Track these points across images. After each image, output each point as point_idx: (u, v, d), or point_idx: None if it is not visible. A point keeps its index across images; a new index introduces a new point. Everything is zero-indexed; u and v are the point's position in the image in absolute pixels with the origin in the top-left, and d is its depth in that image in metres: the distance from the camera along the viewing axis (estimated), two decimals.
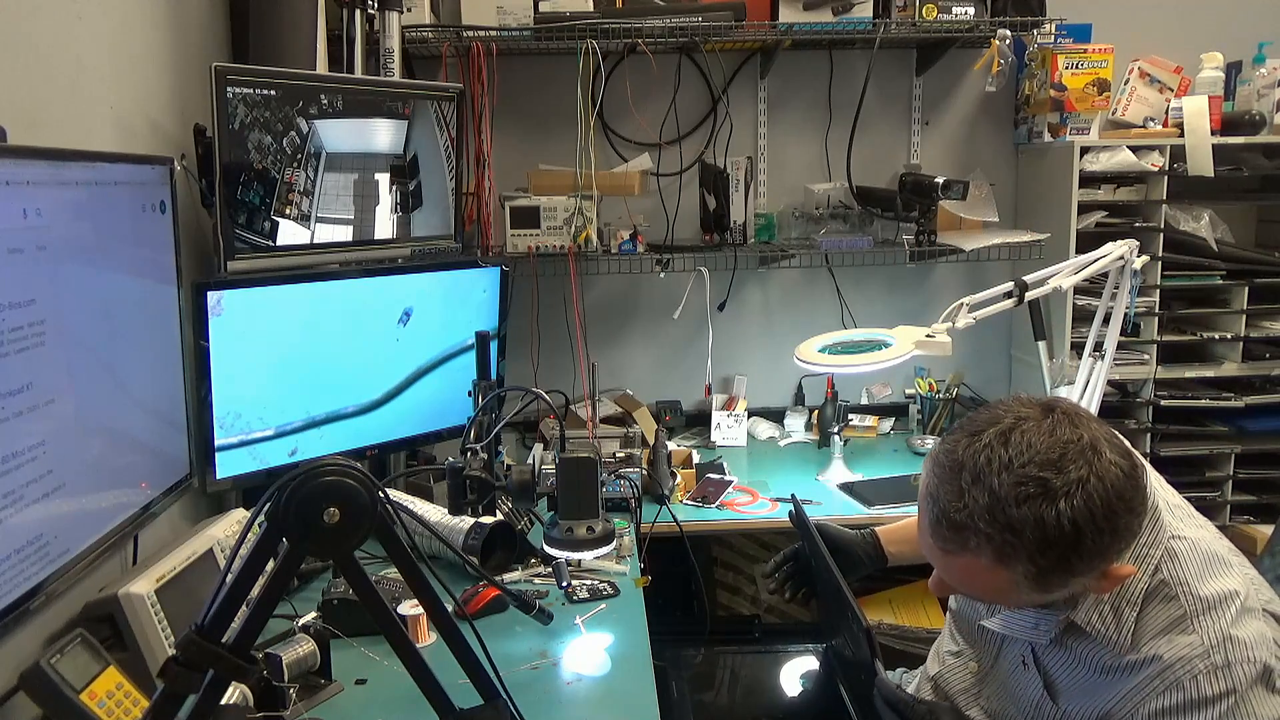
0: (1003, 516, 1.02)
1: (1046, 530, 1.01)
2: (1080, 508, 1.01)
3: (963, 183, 2.67)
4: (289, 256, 2.01)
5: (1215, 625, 1.09)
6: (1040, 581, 1.06)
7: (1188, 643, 1.09)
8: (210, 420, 1.86)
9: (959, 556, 1.07)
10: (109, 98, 1.67)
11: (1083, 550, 1.03)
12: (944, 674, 1.44)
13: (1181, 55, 2.89)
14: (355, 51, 2.33)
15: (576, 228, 2.67)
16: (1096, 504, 1.01)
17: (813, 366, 2.54)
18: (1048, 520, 1.01)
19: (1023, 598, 1.10)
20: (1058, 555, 1.03)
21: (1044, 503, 1.01)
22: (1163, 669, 1.09)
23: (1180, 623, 1.10)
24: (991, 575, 1.07)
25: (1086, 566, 1.05)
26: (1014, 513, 1.01)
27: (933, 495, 1.08)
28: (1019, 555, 1.03)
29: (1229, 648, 1.07)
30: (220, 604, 1.02)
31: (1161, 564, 1.14)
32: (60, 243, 1.34)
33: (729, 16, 2.63)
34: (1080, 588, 1.10)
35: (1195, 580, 1.12)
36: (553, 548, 1.36)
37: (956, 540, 1.06)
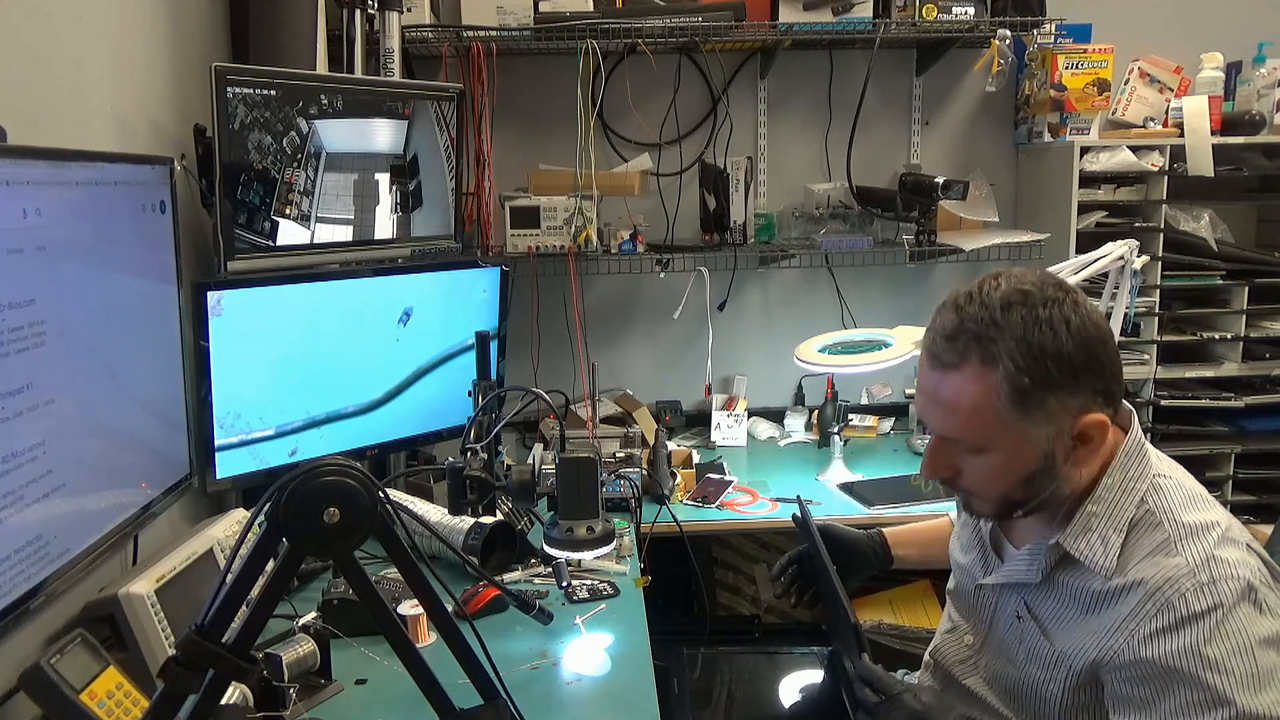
0: (989, 316, 1.13)
1: (1027, 327, 1.11)
2: (1058, 315, 1.12)
3: (963, 183, 2.67)
4: (289, 256, 2.01)
5: (1199, 547, 1.13)
6: (1018, 394, 1.11)
7: (1173, 564, 1.12)
8: (210, 420, 1.86)
9: (950, 375, 1.15)
10: (109, 98, 1.67)
11: (1059, 358, 1.11)
12: (940, 648, 1.46)
13: (1181, 55, 2.89)
14: (355, 51, 2.33)
15: (576, 228, 2.67)
16: (1074, 318, 1.12)
17: (813, 366, 2.55)
18: (1028, 319, 1.11)
19: (1002, 422, 1.13)
20: (1035, 356, 1.11)
21: (1025, 308, 1.12)
22: (1152, 592, 1.12)
23: (1165, 546, 1.14)
24: (977, 387, 1.13)
25: (1062, 387, 1.12)
26: (999, 315, 1.13)
27: (931, 328, 1.19)
28: (1001, 354, 1.11)
29: (1213, 566, 1.11)
30: (220, 604, 1.02)
31: (1147, 495, 1.19)
32: (60, 243, 1.34)
33: (729, 16, 2.63)
34: (1055, 430, 1.14)
35: (1179, 510, 1.17)
36: (553, 548, 1.36)
37: (950, 351, 1.15)
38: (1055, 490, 1.19)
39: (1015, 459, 1.17)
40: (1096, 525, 1.19)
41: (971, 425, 1.16)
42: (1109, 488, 1.20)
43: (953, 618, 1.48)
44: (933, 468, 1.23)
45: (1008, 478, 1.19)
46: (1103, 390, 1.15)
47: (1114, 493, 1.19)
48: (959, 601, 1.46)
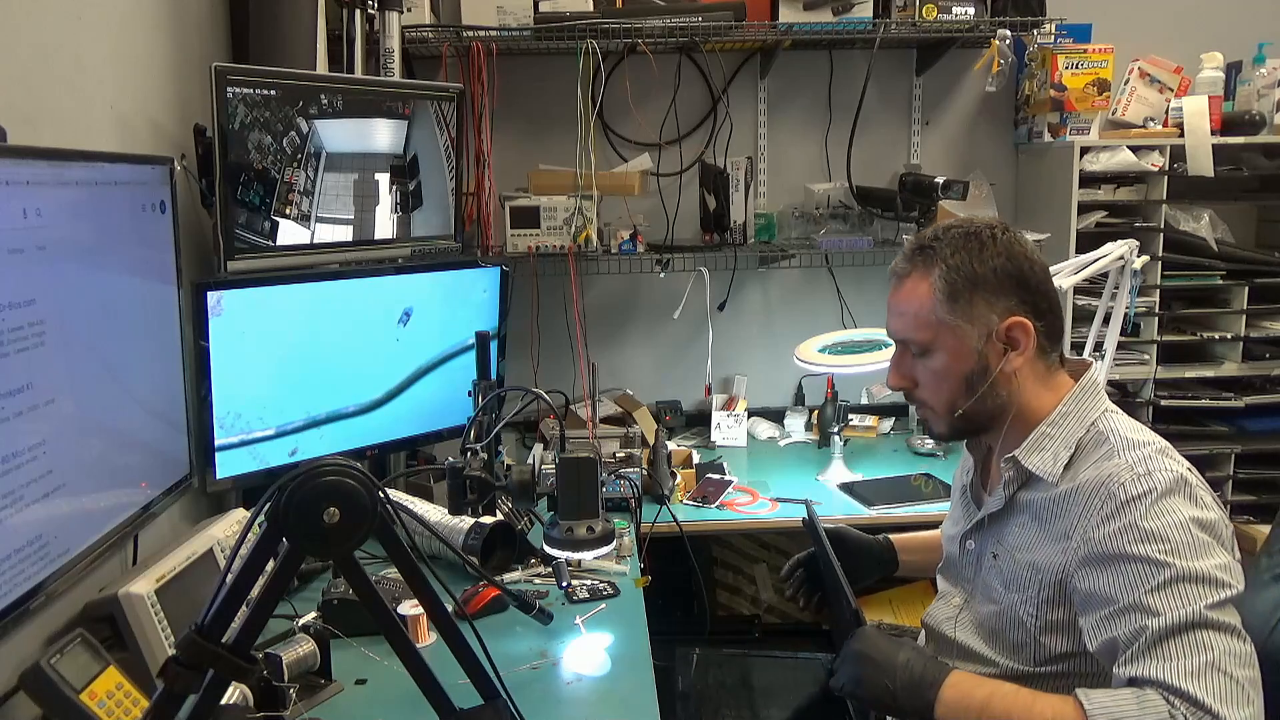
0: (933, 234, 1.36)
1: (962, 239, 1.33)
2: (988, 234, 1.32)
3: (963, 183, 2.67)
4: (289, 256, 2.01)
5: (1138, 453, 1.26)
6: (950, 290, 1.31)
7: (1113, 464, 1.26)
8: (210, 420, 1.86)
9: (903, 283, 1.37)
10: (109, 98, 1.67)
11: (985, 263, 1.30)
12: (931, 612, 1.54)
13: (1181, 55, 2.89)
14: (355, 51, 2.33)
15: (576, 228, 2.67)
16: (1003, 239, 1.32)
17: (813, 366, 2.55)
18: (963, 234, 1.33)
19: (939, 319, 1.32)
20: (964, 260, 1.31)
21: (963, 229, 1.34)
22: (1096, 488, 1.25)
23: (1108, 454, 1.28)
24: (919, 289, 1.34)
25: (988, 289, 1.31)
26: (942, 232, 1.35)
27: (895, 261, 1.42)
28: (938, 259, 1.32)
29: (1148, 462, 1.24)
30: (220, 604, 1.02)
31: (1098, 420, 1.33)
32: (60, 243, 1.34)
33: (729, 16, 2.63)
34: (985, 330, 1.31)
35: (1125, 430, 1.31)
36: (553, 548, 1.36)
37: (905, 263, 1.37)
38: (997, 401, 1.34)
39: (954, 359, 1.33)
40: (1049, 445, 1.33)
41: (916, 324, 1.36)
42: (1063, 414, 1.34)
43: (941, 589, 1.56)
44: (894, 376, 1.43)
45: (950, 378, 1.35)
46: (1030, 303, 1.32)
47: (1067, 418, 1.34)
48: (948, 571, 1.56)
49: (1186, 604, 1.14)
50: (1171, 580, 1.15)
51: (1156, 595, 1.16)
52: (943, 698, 1.24)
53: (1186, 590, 1.15)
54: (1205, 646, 1.12)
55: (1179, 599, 1.15)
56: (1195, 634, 1.13)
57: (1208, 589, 1.15)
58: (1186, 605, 1.14)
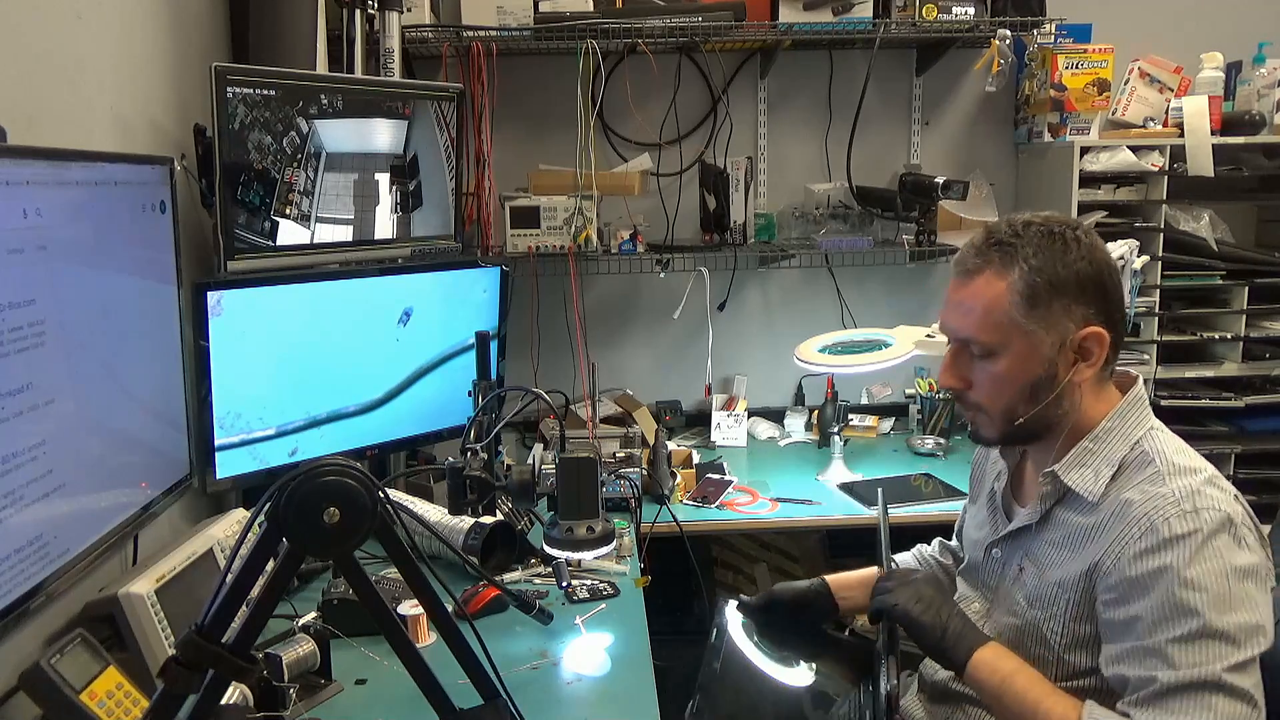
0: (1011, 230, 1.28)
1: (1044, 238, 1.25)
2: (1071, 235, 1.26)
3: (963, 183, 2.67)
4: (289, 256, 2.01)
5: (1185, 481, 1.21)
6: (1030, 293, 1.24)
7: (1159, 492, 1.21)
8: (210, 420, 1.86)
9: (972, 279, 1.28)
10: (109, 98, 1.67)
11: (1069, 267, 1.24)
12: None
13: (1181, 55, 2.89)
14: (355, 51, 2.33)
15: (576, 228, 2.67)
16: (1086, 241, 1.26)
17: (813, 366, 2.55)
18: (1044, 233, 1.26)
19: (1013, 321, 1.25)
20: (1048, 262, 1.24)
21: (1044, 227, 1.27)
22: (1139, 516, 1.20)
23: (1154, 478, 1.23)
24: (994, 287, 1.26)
25: (1069, 295, 1.24)
26: (1021, 229, 1.27)
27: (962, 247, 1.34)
28: (1018, 258, 1.25)
29: (1197, 498, 1.19)
30: (220, 604, 1.02)
31: (1143, 439, 1.28)
32: (60, 243, 1.34)
33: (729, 16, 2.63)
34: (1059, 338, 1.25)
35: (1171, 453, 1.26)
36: (553, 548, 1.36)
37: (975, 258, 1.29)
38: (1057, 412, 1.29)
39: (1022, 364, 1.27)
40: (1091, 460, 1.29)
41: (985, 324, 1.27)
42: (1108, 429, 1.29)
43: (961, 591, 1.52)
44: (947, 375, 1.34)
45: (1013, 384, 1.28)
46: (1105, 313, 1.26)
47: (1112, 434, 1.29)
48: (969, 576, 1.52)
49: (1205, 662, 1.12)
50: (1197, 634, 1.13)
51: (1178, 646, 1.13)
52: (979, 657, 1.27)
53: (1209, 648, 1.12)
54: (1210, 709, 1.11)
55: (1199, 655, 1.12)
56: (1205, 695, 1.11)
57: (1231, 649, 1.12)
58: (1204, 664, 1.12)
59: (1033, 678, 1.25)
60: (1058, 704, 1.21)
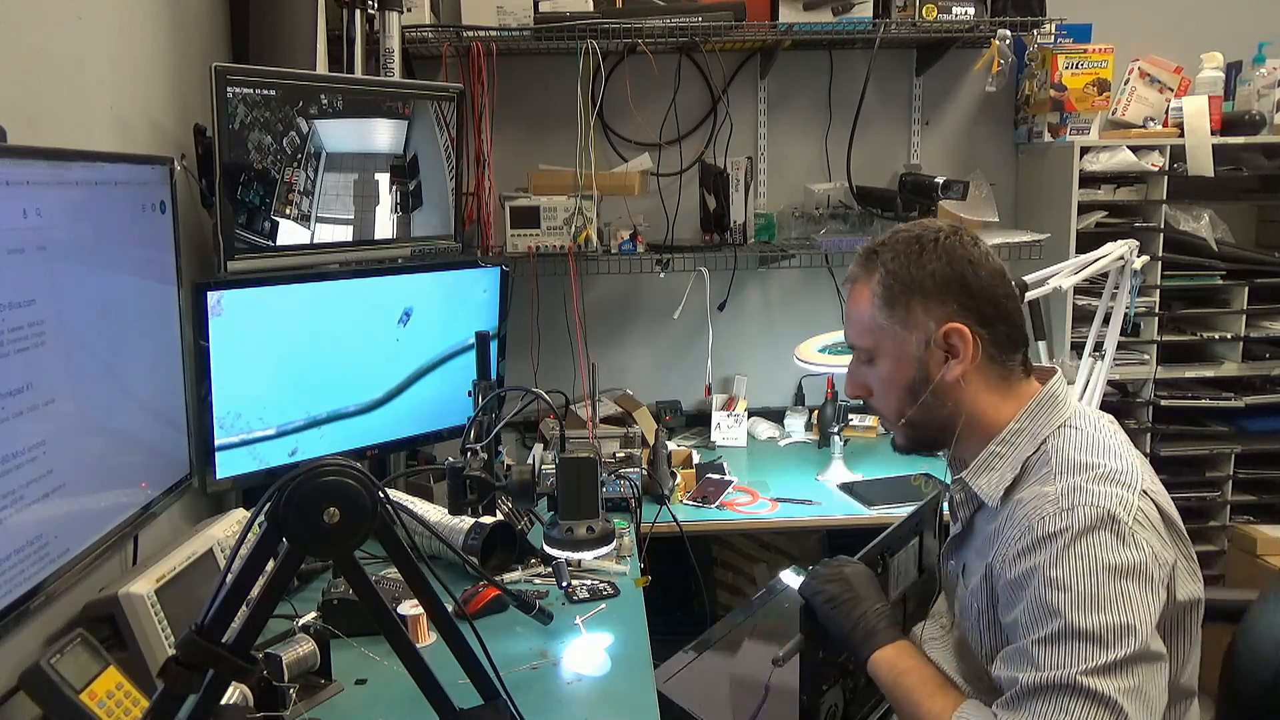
0: (881, 240, 1.32)
1: (904, 244, 1.28)
2: (932, 238, 1.27)
3: (963, 183, 2.67)
4: (289, 256, 2.01)
5: (1071, 480, 1.18)
6: (887, 295, 1.28)
7: (1043, 491, 1.19)
8: (210, 420, 1.86)
9: (851, 288, 1.34)
10: (109, 98, 1.67)
11: (924, 267, 1.26)
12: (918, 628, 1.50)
13: (1181, 55, 2.89)
14: (355, 51, 2.33)
15: (576, 228, 2.67)
16: (950, 245, 1.27)
17: (813, 366, 2.55)
18: (907, 239, 1.29)
19: (879, 325, 1.29)
20: (903, 265, 1.27)
21: (911, 234, 1.30)
22: (1020, 518, 1.19)
23: (1045, 478, 1.22)
24: (862, 294, 1.31)
25: (925, 295, 1.26)
26: (888, 238, 1.32)
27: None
28: (879, 264, 1.29)
29: (1075, 494, 1.16)
30: (220, 604, 1.02)
31: (1050, 439, 1.26)
32: (60, 243, 1.34)
33: (729, 16, 2.63)
34: (923, 336, 1.26)
35: (1072, 450, 1.23)
36: (553, 548, 1.36)
37: (855, 269, 1.34)
38: (942, 412, 1.29)
39: (895, 365, 1.30)
40: (999, 465, 1.28)
41: (859, 329, 1.33)
42: (1016, 430, 1.28)
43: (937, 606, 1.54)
44: (848, 384, 1.39)
45: (894, 386, 1.31)
46: (971, 309, 1.25)
47: (1021, 435, 1.28)
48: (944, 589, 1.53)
49: (1063, 665, 1.09)
50: (1058, 634, 1.11)
51: (1041, 647, 1.12)
52: (879, 655, 1.30)
53: (1069, 648, 1.10)
54: (1064, 712, 1.08)
55: (1058, 656, 1.10)
56: (1060, 698, 1.09)
57: (1093, 649, 1.08)
58: (1062, 666, 1.09)
59: (924, 677, 1.26)
60: (937, 702, 1.22)
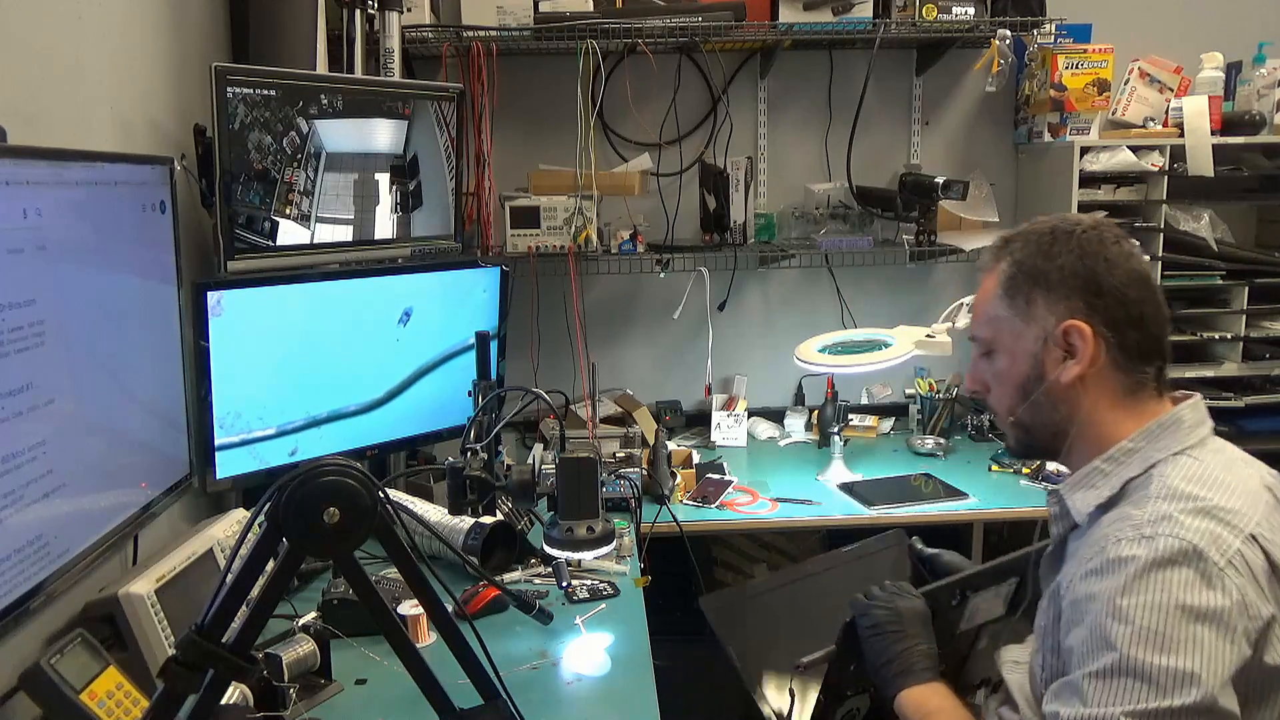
0: (1021, 227, 1.25)
1: (1039, 235, 1.21)
2: (1069, 231, 1.19)
3: (963, 183, 2.67)
4: (289, 256, 2.01)
5: (1166, 507, 1.08)
6: (1010, 284, 1.22)
7: (1131, 514, 1.10)
8: (210, 420, 1.86)
9: (981, 277, 1.28)
10: (109, 98, 1.67)
11: (1053, 260, 1.18)
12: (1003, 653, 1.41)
13: (1181, 55, 2.89)
14: (355, 51, 2.33)
15: (576, 228, 2.67)
16: (1088, 239, 1.18)
17: (813, 366, 2.55)
18: (1043, 230, 1.22)
19: (998, 315, 1.24)
20: (1033, 255, 1.20)
21: (1050, 224, 1.22)
22: (1099, 535, 1.11)
23: (1139, 501, 1.11)
24: (987, 283, 1.25)
25: (1050, 288, 1.18)
26: (1025, 227, 1.24)
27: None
28: (1009, 253, 1.23)
29: (1162, 523, 1.06)
30: (220, 604, 1.02)
31: (1161, 464, 1.15)
32: (60, 243, 1.34)
33: (729, 16, 2.63)
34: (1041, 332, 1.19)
35: (1180, 479, 1.12)
36: (553, 548, 1.36)
37: (983, 259, 1.28)
38: (1055, 416, 1.21)
39: (1011, 361, 1.23)
40: (1101, 482, 1.18)
41: (978, 319, 1.28)
42: (1128, 450, 1.17)
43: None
44: (968, 380, 1.33)
45: (1009, 381, 1.24)
46: (1099, 309, 1.17)
47: (1132, 455, 1.17)
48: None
49: (1109, 703, 1.00)
50: (1111, 670, 1.01)
51: (1091, 681, 1.03)
52: (909, 693, 1.26)
53: (1119, 686, 1.00)
54: None
55: (1106, 693, 1.01)
56: None
57: (1146, 691, 0.99)
58: (1108, 704, 1.00)
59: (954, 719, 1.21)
60: None
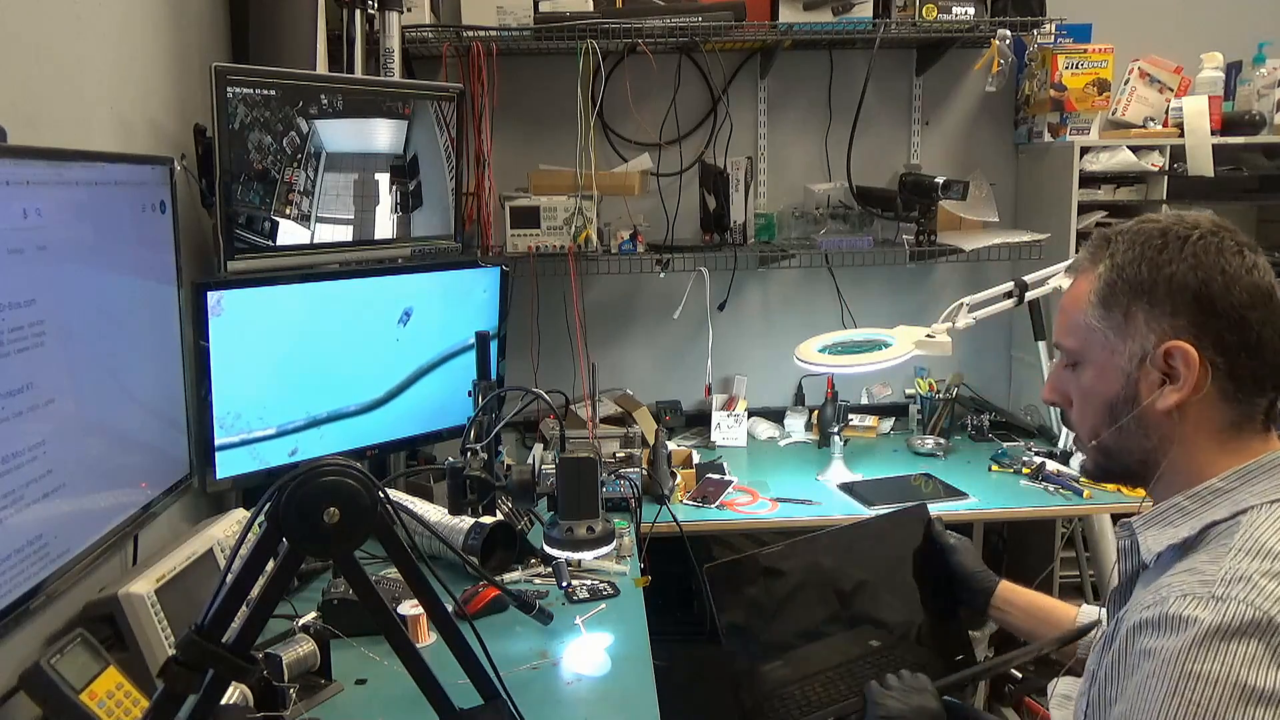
0: (1122, 226, 1.09)
1: (1147, 238, 1.05)
2: (1182, 231, 1.03)
3: (963, 183, 2.67)
4: (289, 256, 2.01)
5: (1245, 564, 0.93)
6: (1107, 292, 1.06)
7: (1204, 567, 0.95)
8: (210, 420, 1.86)
9: (1074, 278, 1.13)
10: (109, 98, 1.67)
11: (1160, 269, 1.02)
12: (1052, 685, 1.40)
13: (1181, 55, 2.89)
14: (355, 51, 2.33)
15: (576, 228, 2.67)
16: (1203, 247, 1.02)
17: (813, 366, 2.55)
18: (1152, 233, 1.05)
19: (1089, 324, 1.08)
20: (1136, 260, 1.04)
21: (1161, 226, 1.06)
22: (1165, 583, 0.97)
23: (1218, 554, 0.96)
24: (1080, 286, 1.10)
25: (1153, 300, 1.03)
26: (1132, 226, 1.08)
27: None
28: (1113, 248, 1.07)
29: (1236, 585, 0.91)
30: (220, 604, 1.02)
31: (1252, 510, 0.99)
32: (60, 243, 1.34)
33: (729, 16, 2.63)
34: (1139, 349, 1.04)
35: (1270, 533, 0.96)
36: (553, 548, 1.36)
37: (1080, 257, 1.13)
38: (1145, 444, 1.07)
39: (1100, 377, 1.08)
40: (1181, 521, 1.03)
41: (1065, 326, 1.12)
42: (1216, 489, 1.02)
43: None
44: (1047, 389, 1.19)
45: (1096, 399, 1.09)
46: (1210, 330, 1.00)
47: (1217, 495, 1.02)
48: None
49: None
50: None
51: None
52: None
53: None
54: None
55: None
56: None
57: None
58: None
59: None
60: None
